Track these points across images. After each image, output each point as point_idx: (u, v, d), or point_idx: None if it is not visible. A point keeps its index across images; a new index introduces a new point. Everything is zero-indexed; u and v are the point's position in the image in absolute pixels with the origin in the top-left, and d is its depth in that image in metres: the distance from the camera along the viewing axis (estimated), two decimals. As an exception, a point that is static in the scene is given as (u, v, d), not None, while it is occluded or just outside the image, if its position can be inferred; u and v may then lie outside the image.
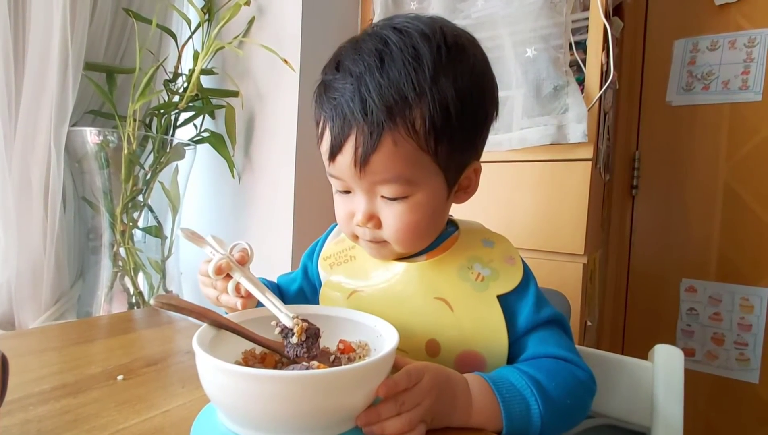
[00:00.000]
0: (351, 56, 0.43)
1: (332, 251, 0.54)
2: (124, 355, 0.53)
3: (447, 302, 0.46)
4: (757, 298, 1.21)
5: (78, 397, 0.42)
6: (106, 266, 1.02)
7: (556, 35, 0.90)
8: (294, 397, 0.31)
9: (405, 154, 0.41)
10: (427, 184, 0.44)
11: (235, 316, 0.42)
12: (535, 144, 0.89)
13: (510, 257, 0.48)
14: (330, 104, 0.43)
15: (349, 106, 0.41)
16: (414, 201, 0.44)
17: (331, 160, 0.44)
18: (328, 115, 0.43)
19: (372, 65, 0.41)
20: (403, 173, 0.42)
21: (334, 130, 0.43)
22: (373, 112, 0.40)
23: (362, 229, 0.46)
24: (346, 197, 0.47)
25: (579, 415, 0.45)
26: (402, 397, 0.35)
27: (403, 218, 0.44)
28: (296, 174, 1.07)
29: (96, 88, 0.98)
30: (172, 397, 0.43)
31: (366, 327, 0.44)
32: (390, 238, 0.45)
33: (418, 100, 0.40)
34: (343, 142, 0.42)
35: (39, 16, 0.90)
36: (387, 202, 0.44)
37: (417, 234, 0.46)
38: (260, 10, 1.14)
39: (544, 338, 0.46)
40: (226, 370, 0.31)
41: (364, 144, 0.41)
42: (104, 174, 0.99)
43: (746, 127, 1.22)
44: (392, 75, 0.40)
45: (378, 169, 0.42)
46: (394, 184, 0.43)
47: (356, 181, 0.44)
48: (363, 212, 0.44)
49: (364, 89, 0.40)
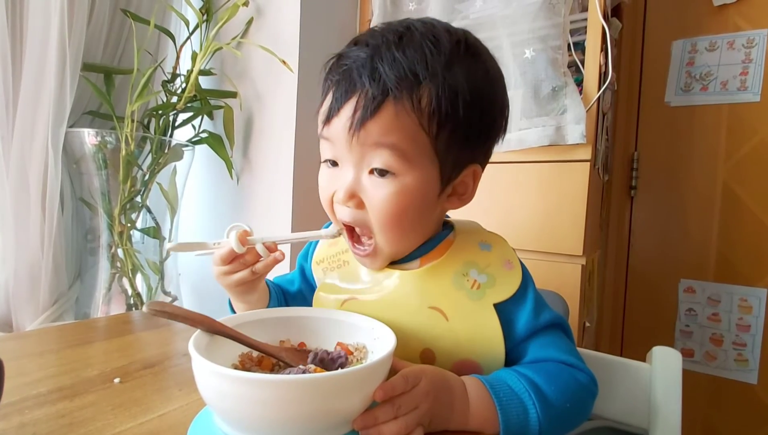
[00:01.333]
0: (372, 33, 0.43)
1: (325, 255, 0.52)
2: (122, 358, 0.53)
3: (442, 312, 0.44)
4: (756, 298, 1.21)
5: (74, 400, 0.42)
6: (104, 267, 1.02)
7: (554, 36, 0.90)
8: (290, 401, 0.31)
9: (404, 127, 0.40)
10: (419, 168, 0.42)
11: (230, 320, 0.42)
12: (534, 145, 0.89)
13: (508, 261, 0.46)
14: (339, 70, 0.42)
15: (358, 72, 0.40)
16: (402, 182, 0.41)
17: (326, 122, 0.43)
18: (334, 80, 0.42)
19: (390, 40, 0.41)
20: (398, 143, 0.40)
21: (337, 92, 0.41)
22: (380, 79, 0.39)
23: (343, 209, 0.44)
24: (331, 173, 0.45)
25: (579, 418, 0.44)
26: (399, 400, 0.34)
27: (389, 199, 0.41)
28: (294, 175, 1.07)
29: (94, 89, 0.97)
30: (169, 400, 0.43)
31: (363, 329, 0.44)
32: (373, 223, 0.43)
33: (429, 80, 0.40)
34: (343, 104, 0.41)
35: (37, 17, 0.90)
36: (374, 180, 0.42)
37: (401, 222, 0.43)
38: (258, 10, 1.14)
39: (545, 343, 0.45)
40: (222, 374, 0.31)
41: (364, 107, 0.39)
42: (102, 175, 0.99)
43: (745, 128, 1.22)
44: (408, 52, 0.40)
45: (372, 133, 0.40)
46: (386, 152, 0.40)
47: (346, 149, 0.42)
48: (345, 188, 0.42)
49: (377, 59, 0.40)
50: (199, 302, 1.28)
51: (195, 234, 1.28)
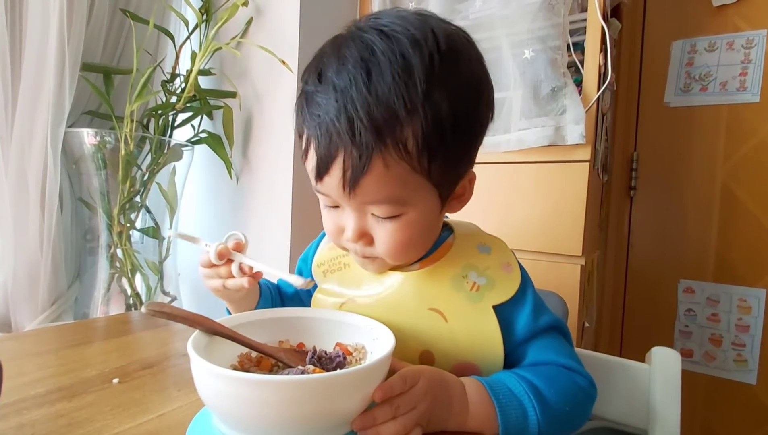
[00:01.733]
0: (334, 66, 0.39)
1: (325, 258, 0.53)
2: (121, 358, 0.53)
3: (441, 313, 0.44)
4: (755, 299, 1.21)
5: (73, 400, 0.42)
6: (104, 267, 1.02)
7: (553, 36, 0.90)
8: (289, 401, 0.31)
9: (396, 176, 0.38)
10: (420, 203, 0.42)
11: (229, 320, 0.42)
12: (533, 145, 0.89)
13: (507, 264, 0.46)
14: (314, 121, 0.39)
15: (335, 126, 0.37)
16: (406, 219, 0.42)
17: (318, 179, 0.41)
18: (312, 133, 0.40)
19: (358, 78, 0.37)
20: (395, 194, 0.40)
21: (320, 150, 0.39)
22: (361, 133, 0.37)
23: (353, 245, 0.44)
24: (335, 212, 0.45)
25: (578, 422, 0.44)
26: (397, 400, 0.34)
27: (396, 236, 0.42)
28: (294, 175, 1.07)
29: (93, 88, 0.97)
30: (168, 400, 0.42)
31: (362, 330, 0.44)
32: (382, 254, 0.44)
33: (410, 118, 0.37)
34: (331, 164, 0.39)
35: (36, 17, 0.90)
36: (378, 221, 0.42)
37: (410, 249, 0.44)
38: (258, 10, 1.14)
39: (544, 346, 0.45)
40: (221, 374, 0.31)
41: (353, 167, 0.38)
42: (101, 175, 0.99)
43: (744, 129, 1.22)
44: (381, 91, 0.36)
45: (368, 190, 0.39)
46: (386, 205, 0.40)
47: (345, 201, 0.41)
48: (354, 230, 0.42)
49: (350, 107, 0.37)
50: (197, 302, 1.28)
51: (194, 233, 1.28)
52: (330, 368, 0.40)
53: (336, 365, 0.41)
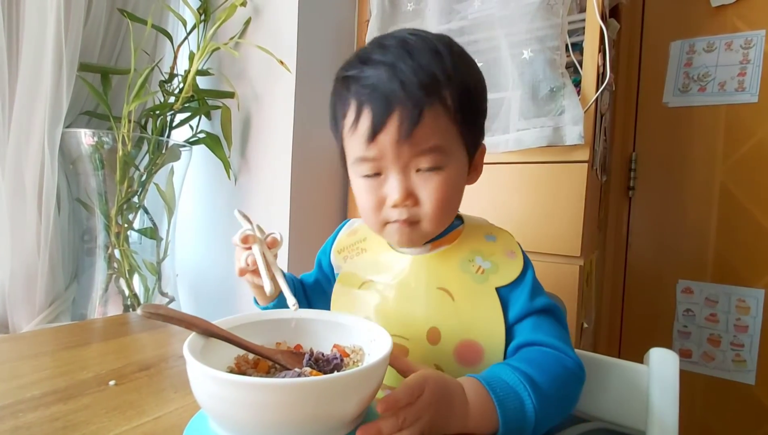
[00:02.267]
0: (377, 52, 0.47)
1: (345, 244, 0.59)
2: (117, 360, 0.52)
3: (449, 292, 0.49)
4: (753, 299, 1.21)
5: (68, 403, 0.41)
6: (101, 268, 1.01)
7: (552, 37, 0.89)
8: (285, 404, 0.30)
9: (442, 127, 0.46)
10: (456, 158, 0.48)
11: (226, 322, 0.42)
12: (532, 146, 0.89)
13: (511, 251, 0.51)
14: (366, 90, 0.46)
15: (389, 87, 0.44)
16: (446, 174, 0.47)
17: (371, 140, 0.46)
18: (365, 99, 0.46)
19: (402, 54, 0.45)
20: (441, 144, 0.46)
21: (375, 110, 0.45)
22: (412, 90, 0.44)
23: (397, 210, 0.47)
24: (375, 183, 0.48)
25: (570, 404, 0.46)
26: (404, 412, 0.34)
27: (440, 190, 0.47)
28: (292, 175, 1.07)
29: (90, 89, 0.97)
30: (164, 403, 0.42)
31: (360, 331, 0.44)
32: (426, 214, 0.47)
33: (447, 82, 0.46)
34: (387, 120, 0.44)
35: (33, 17, 0.90)
36: (422, 177, 0.47)
37: (449, 207, 0.49)
38: (256, 10, 1.14)
39: (536, 325, 0.48)
40: (217, 377, 0.31)
41: (409, 117, 0.44)
42: (99, 175, 0.99)
43: (742, 129, 1.22)
44: (422, 62, 0.45)
45: (420, 140, 0.45)
46: (433, 154, 0.46)
47: (394, 157, 0.46)
48: (401, 191, 0.46)
49: (399, 72, 0.44)
50: (196, 303, 1.28)
51: (193, 235, 1.28)
52: (327, 370, 0.40)
53: (333, 367, 0.40)
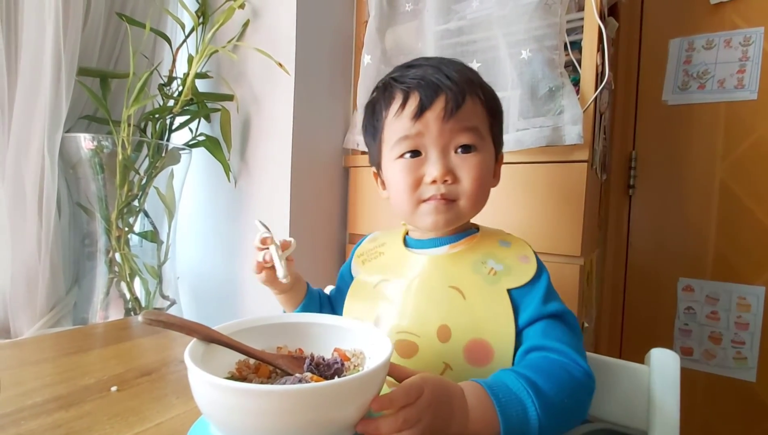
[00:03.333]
0: (416, 62, 0.56)
1: (365, 249, 0.62)
2: (119, 365, 0.53)
3: (460, 291, 0.50)
4: (754, 296, 1.21)
5: (70, 410, 0.42)
6: (102, 272, 1.01)
7: (550, 36, 0.89)
8: (285, 411, 0.30)
9: (478, 113, 0.53)
10: (487, 145, 0.54)
11: (226, 328, 0.42)
12: (531, 146, 0.89)
13: (524, 256, 0.53)
14: (414, 80, 0.52)
15: (436, 77, 0.51)
16: (481, 156, 0.52)
17: (417, 117, 0.51)
18: (413, 87, 0.52)
19: (441, 61, 0.54)
20: (478, 126, 0.52)
21: (423, 94, 0.51)
22: (456, 81, 0.51)
23: (435, 187, 0.51)
24: (414, 162, 0.52)
25: (578, 415, 0.44)
26: (403, 413, 0.34)
27: (476, 170, 0.51)
28: (292, 177, 1.07)
29: (89, 93, 0.97)
30: (166, 409, 0.42)
31: (361, 335, 0.44)
32: (464, 191, 0.52)
33: (480, 86, 0.54)
34: (434, 100, 0.51)
35: (31, 22, 0.90)
36: (461, 158, 0.52)
37: (483, 192, 0.54)
38: (255, 13, 1.14)
39: (547, 330, 0.47)
40: (217, 384, 0.31)
41: (454, 99, 0.50)
42: (99, 180, 0.99)
43: (742, 126, 1.22)
44: (457, 68, 0.53)
45: (463, 117, 0.51)
46: (471, 133, 0.52)
47: (437, 135, 0.51)
48: (441, 168, 0.51)
49: (444, 68, 0.52)
50: (197, 306, 1.28)
51: (194, 237, 1.28)
52: (328, 375, 0.40)
53: (334, 372, 0.40)
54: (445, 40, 1.02)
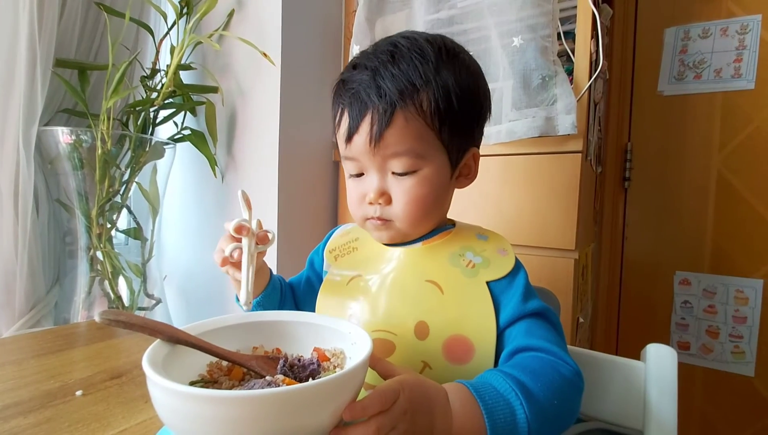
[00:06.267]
0: (366, 56, 0.50)
1: (337, 244, 0.59)
2: (88, 368, 0.50)
3: (438, 285, 0.48)
4: (752, 289, 1.19)
5: (29, 416, 0.39)
6: (84, 271, 0.98)
7: (543, 24, 0.87)
8: (251, 418, 0.28)
9: (414, 130, 0.47)
10: (432, 160, 0.48)
11: (195, 327, 0.39)
12: (524, 136, 0.86)
13: (502, 249, 0.51)
14: (348, 93, 0.48)
15: (366, 92, 0.47)
16: (422, 175, 0.48)
17: (348, 141, 0.49)
18: (346, 103, 0.49)
19: (385, 60, 0.48)
20: (413, 147, 0.47)
21: (352, 113, 0.48)
22: (386, 94, 0.46)
23: (372, 207, 0.50)
24: (359, 181, 0.51)
25: (568, 415, 0.42)
26: (376, 421, 0.32)
27: (412, 192, 0.48)
28: (280, 170, 1.04)
29: (66, 85, 0.94)
30: (132, 414, 0.40)
31: (341, 334, 0.42)
32: (398, 213, 0.49)
33: (425, 86, 0.46)
34: (360, 122, 0.47)
35: (6, 11, 0.86)
36: (397, 179, 0.48)
37: (423, 208, 0.49)
38: (240, 2, 1.10)
39: (530, 330, 0.45)
40: (176, 391, 0.28)
41: (378, 121, 0.46)
42: (78, 175, 0.96)
43: (739, 116, 1.20)
44: (402, 67, 0.47)
45: (390, 143, 0.46)
46: (405, 158, 0.47)
47: (370, 159, 0.48)
48: (375, 189, 0.49)
49: (378, 78, 0.47)
50: (185, 304, 1.25)
51: (179, 234, 1.25)
52: (303, 377, 0.38)
53: (309, 374, 0.38)
54: (436, 30, 0.99)
